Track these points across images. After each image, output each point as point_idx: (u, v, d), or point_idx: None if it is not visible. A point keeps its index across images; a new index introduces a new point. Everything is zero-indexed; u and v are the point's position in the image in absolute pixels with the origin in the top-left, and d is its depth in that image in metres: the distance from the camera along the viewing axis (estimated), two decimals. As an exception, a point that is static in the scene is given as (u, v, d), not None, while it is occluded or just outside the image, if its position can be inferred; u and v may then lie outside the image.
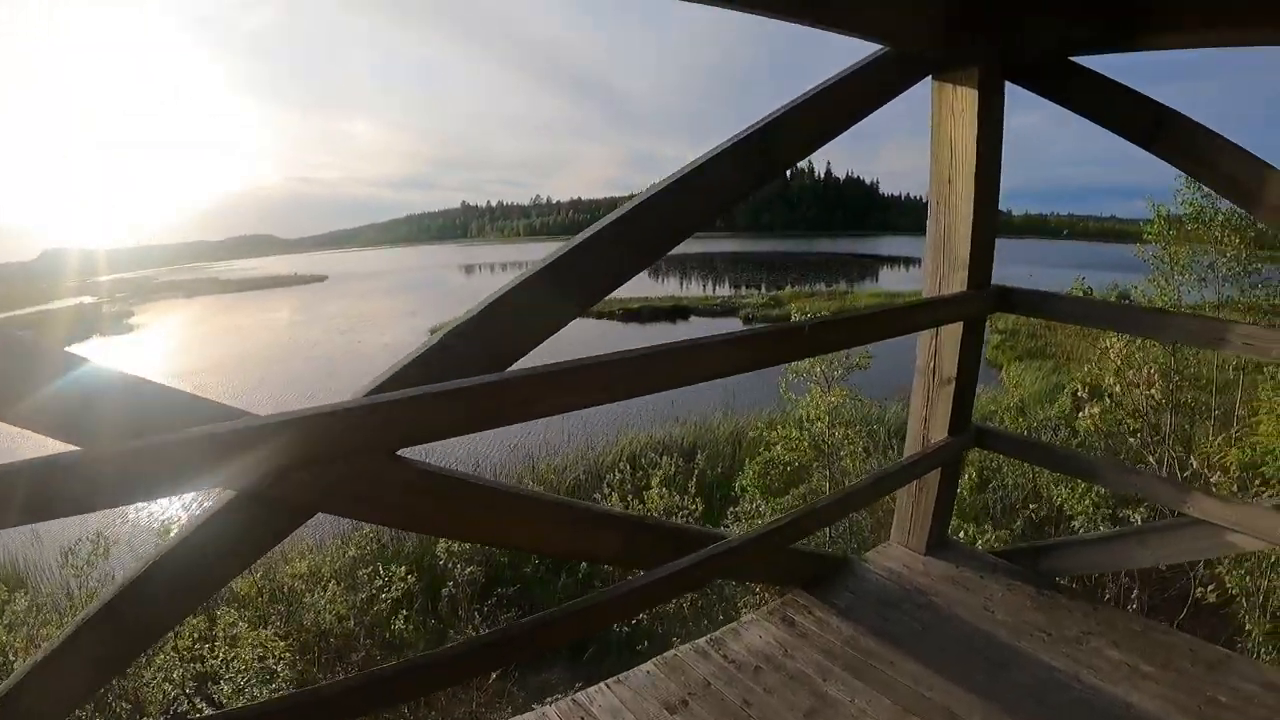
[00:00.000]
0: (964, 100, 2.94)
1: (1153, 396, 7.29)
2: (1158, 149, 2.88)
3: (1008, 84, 3.02)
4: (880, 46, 2.61)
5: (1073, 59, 2.87)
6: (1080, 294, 9.71)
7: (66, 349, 1.41)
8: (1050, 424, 11.14)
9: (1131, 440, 7.57)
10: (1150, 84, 3.04)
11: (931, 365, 3.52)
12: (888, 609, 3.41)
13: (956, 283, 3.23)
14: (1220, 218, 9.71)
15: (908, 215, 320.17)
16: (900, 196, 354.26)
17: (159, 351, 44.23)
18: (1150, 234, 10.27)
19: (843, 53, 2.66)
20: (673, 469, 10.52)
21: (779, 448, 9.63)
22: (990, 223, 3.16)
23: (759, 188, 2.39)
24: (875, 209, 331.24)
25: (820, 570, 3.64)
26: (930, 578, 3.67)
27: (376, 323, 49.25)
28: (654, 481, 9.80)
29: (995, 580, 3.63)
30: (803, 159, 2.43)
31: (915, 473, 3.60)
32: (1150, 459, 7.22)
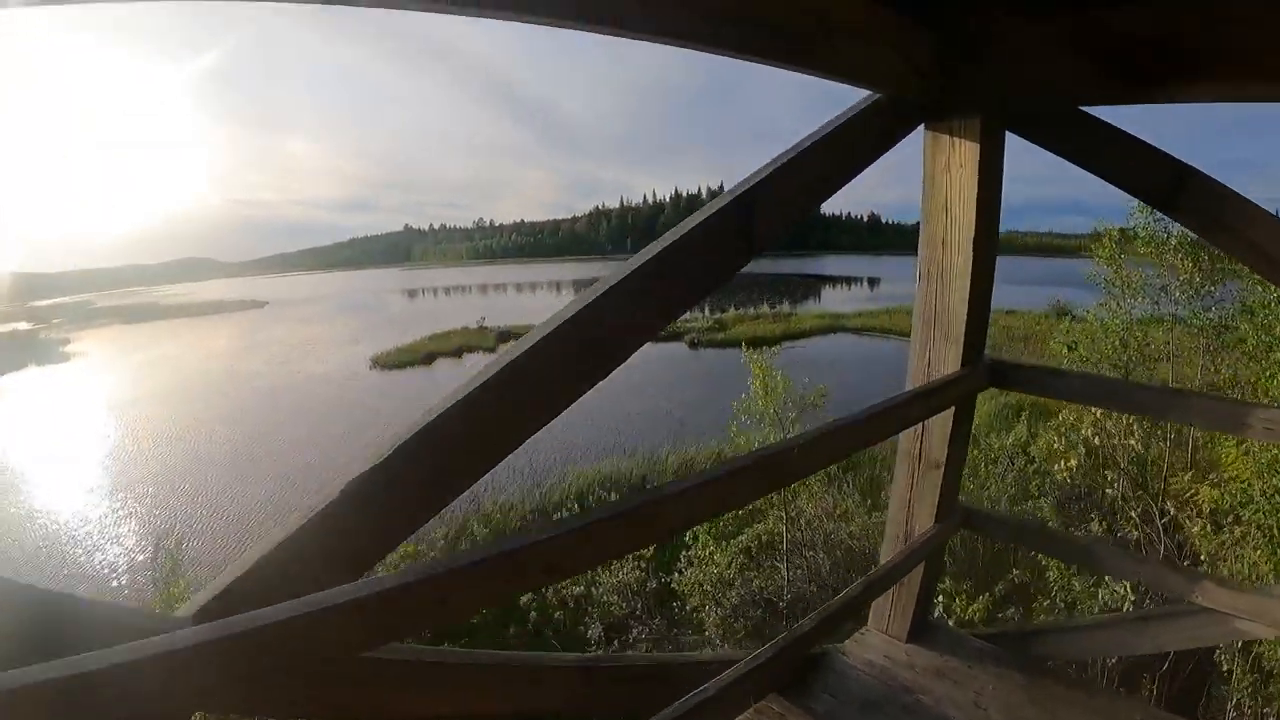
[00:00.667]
0: (963, 153, 2.56)
1: (1133, 447, 7.09)
2: (1178, 213, 2.57)
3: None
4: (868, 92, 2.24)
5: (1084, 109, 2.52)
6: (1070, 345, 9.67)
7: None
8: (1008, 453, 10.98)
9: (1109, 491, 7.39)
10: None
11: (917, 448, 3.15)
12: (872, 713, 3.04)
13: (950, 358, 2.88)
14: (1174, 241, 9.81)
15: (847, 234, 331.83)
16: (840, 215, 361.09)
17: (98, 382, 43.82)
18: (1101, 257, 10.37)
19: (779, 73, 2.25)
20: (621, 507, 10.12)
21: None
22: (986, 290, 2.80)
23: (736, 269, 1.95)
24: (817, 228, 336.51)
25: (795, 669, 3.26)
26: (915, 670, 3.32)
27: (316, 351, 49.03)
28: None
29: (984, 669, 3.30)
30: (786, 233, 2.04)
31: (902, 572, 3.23)
32: (1133, 514, 7.02)
